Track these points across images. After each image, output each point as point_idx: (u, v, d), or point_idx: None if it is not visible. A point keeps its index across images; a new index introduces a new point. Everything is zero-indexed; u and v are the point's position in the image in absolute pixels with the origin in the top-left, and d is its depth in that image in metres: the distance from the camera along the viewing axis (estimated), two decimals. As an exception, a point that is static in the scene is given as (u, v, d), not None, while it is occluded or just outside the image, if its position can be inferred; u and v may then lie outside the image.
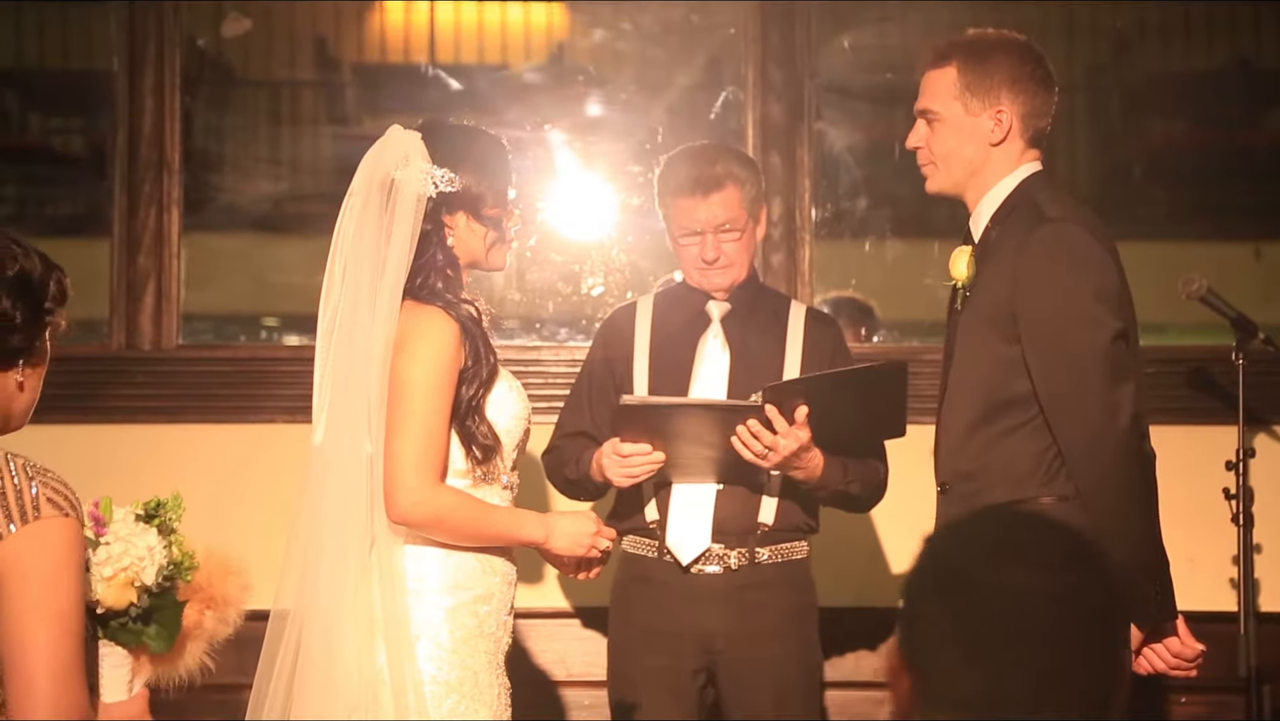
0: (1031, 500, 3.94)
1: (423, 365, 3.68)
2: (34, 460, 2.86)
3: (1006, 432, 3.98)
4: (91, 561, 3.17)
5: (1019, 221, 4.00)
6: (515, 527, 3.80)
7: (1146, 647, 4.03)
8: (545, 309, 5.70)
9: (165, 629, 3.14)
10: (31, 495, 2.80)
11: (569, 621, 5.44)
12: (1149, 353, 5.21)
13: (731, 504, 4.55)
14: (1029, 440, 3.96)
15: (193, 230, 5.70)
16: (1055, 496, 3.94)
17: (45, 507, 2.80)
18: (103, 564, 3.17)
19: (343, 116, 6.09)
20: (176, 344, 5.59)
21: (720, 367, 4.63)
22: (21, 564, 2.77)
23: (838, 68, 5.85)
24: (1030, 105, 4.06)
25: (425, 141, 3.79)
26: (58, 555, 2.79)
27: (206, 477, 5.39)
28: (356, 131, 6.03)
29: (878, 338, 5.84)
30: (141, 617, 3.15)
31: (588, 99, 5.91)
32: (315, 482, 3.70)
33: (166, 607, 3.17)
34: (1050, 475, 3.95)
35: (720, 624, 4.53)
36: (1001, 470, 3.98)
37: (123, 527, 3.17)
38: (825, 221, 5.77)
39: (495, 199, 3.84)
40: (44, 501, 2.81)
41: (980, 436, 4.01)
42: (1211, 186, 6.00)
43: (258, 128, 6.07)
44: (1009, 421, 3.98)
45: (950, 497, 4.06)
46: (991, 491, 3.97)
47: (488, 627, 3.75)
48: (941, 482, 4.10)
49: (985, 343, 4.01)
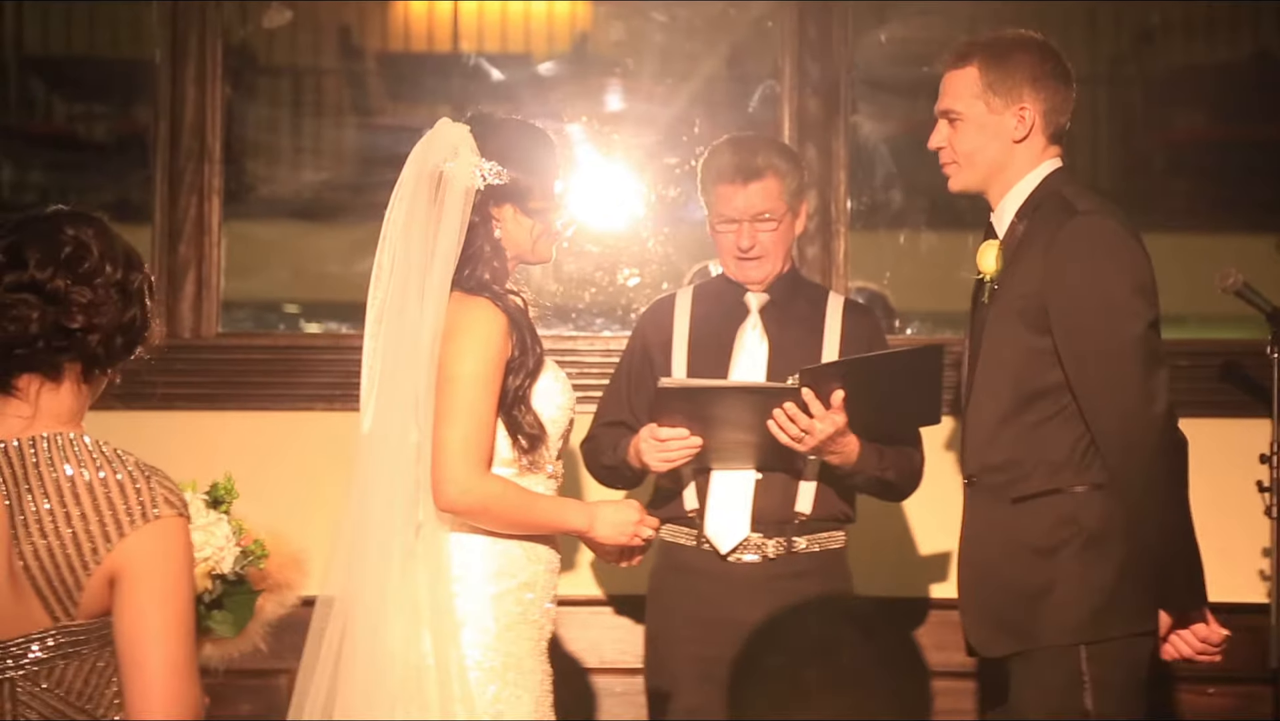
0: (1066, 489, 3.98)
1: (471, 355, 3.70)
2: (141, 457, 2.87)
3: (1039, 423, 4.02)
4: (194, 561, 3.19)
5: (1048, 215, 4.05)
6: (560, 516, 3.83)
7: (1173, 634, 4.07)
8: (581, 299, 5.72)
9: (235, 615, 3.16)
10: (150, 494, 2.81)
11: (601, 609, 5.46)
12: (1182, 345, 5.25)
13: (770, 493, 4.56)
14: (1062, 429, 4.00)
15: (232, 219, 5.73)
16: (1089, 484, 4.00)
17: (163, 507, 2.81)
18: None
19: (369, 106, 6.11)
20: (216, 331, 5.62)
21: (758, 358, 4.65)
22: (144, 562, 2.78)
23: (874, 61, 5.86)
24: (1051, 102, 4.12)
25: (474, 134, 3.81)
26: (177, 555, 2.80)
27: (244, 463, 5.30)
28: (389, 121, 6.06)
29: (911, 330, 5.84)
30: (213, 603, 3.17)
31: (622, 91, 5.93)
32: (363, 470, 3.72)
33: (239, 594, 3.18)
34: (1085, 463, 4.00)
35: (757, 613, 4.53)
36: (1035, 460, 4.02)
37: (198, 516, 3.18)
38: (860, 213, 5.78)
39: (542, 192, 3.86)
40: (162, 501, 2.82)
41: (1012, 427, 4.04)
42: (1232, 179, 6.00)
43: (296, 118, 6.09)
44: (1041, 412, 4.02)
45: (978, 490, 4.10)
46: (1026, 481, 4.02)
47: (531, 615, 3.78)
48: (969, 475, 4.13)
49: (1015, 334, 4.05)
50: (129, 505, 2.80)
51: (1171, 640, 4.08)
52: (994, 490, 4.06)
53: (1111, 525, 3.98)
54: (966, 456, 4.14)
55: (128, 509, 2.80)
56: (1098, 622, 3.97)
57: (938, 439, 5.16)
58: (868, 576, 4.86)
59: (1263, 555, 5.24)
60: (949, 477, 5.27)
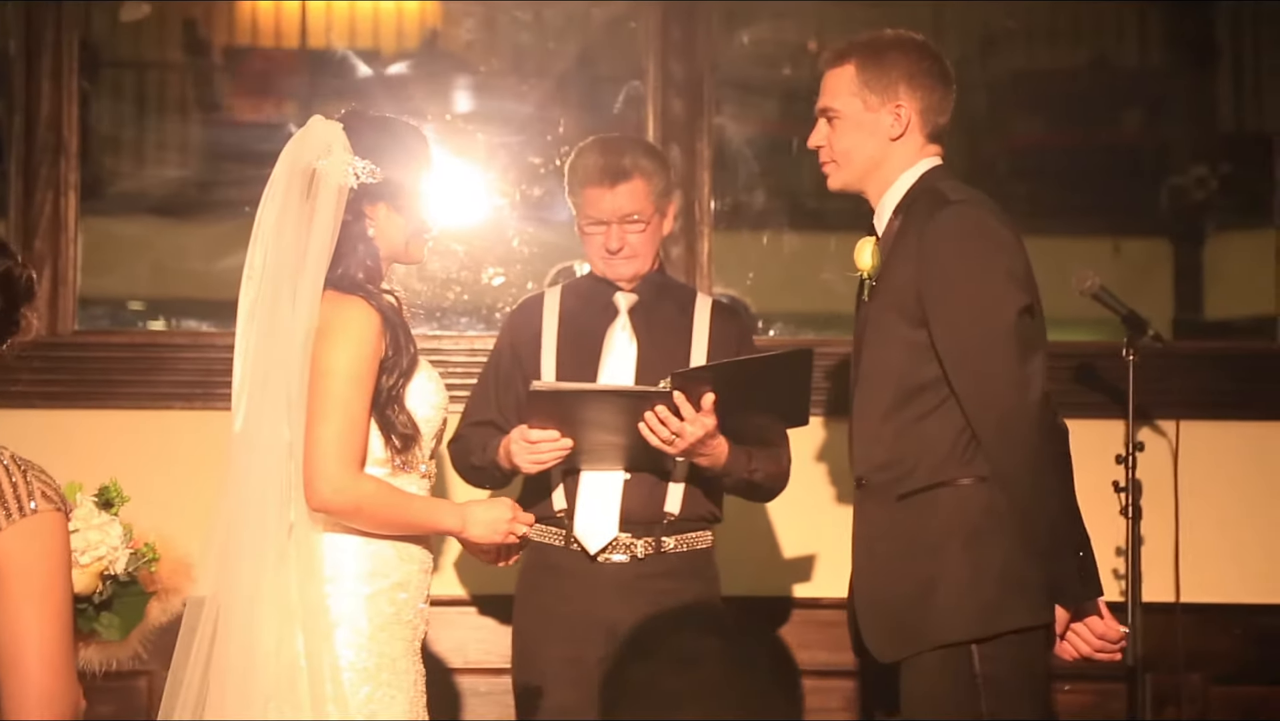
0: (950, 482, 3.98)
1: (344, 354, 3.67)
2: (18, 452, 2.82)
3: (920, 417, 4.01)
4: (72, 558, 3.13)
5: (920, 209, 4.05)
6: (432, 516, 3.81)
7: (1070, 631, 4.04)
8: (446, 298, 5.70)
9: (123, 618, 3.11)
10: (26, 488, 2.76)
11: (466, 609, 5.44)
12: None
13: (638, 493, 4.57)
14: (943, 422, 3.99)
15: (89, 215, 5.65)
16: (974, 477, 3.97)
17: (40, 501, 2.76)
18: (80, 551, 3.13)
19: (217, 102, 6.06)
20: (73, 329, 5.54)
21: (627, 359, 4.66)
22: (19, 558, 2.73)
23: (737, 62, 5.89)
24: (928, 100, 4.13)
25: (347, 132, 3.78)
26: (54, 550, 2.75)
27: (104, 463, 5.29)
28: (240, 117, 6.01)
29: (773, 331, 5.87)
30: (103, 604, 3.12)
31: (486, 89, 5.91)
32: (234, 470, 3.68)
33: (129, 596, 3.14)
34: (968, 456, 3.97)
35: (626, 612, 4.53)
36: (918, 455, 4.00)
37: (91, 516, 3.14)
38: (724, 214, 5.81)
39: (415, 191, 3.84)
40: (39, 495, 2.76)
41: (893, 424, 4.03)
42: (1072, 183, 6.09)
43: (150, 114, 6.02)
44: (922, 406, 4.01)
45: (868, 491, 4.08)
46: (910, 478, 3.99)
47: (405, 615, 3.75)
48: (858, 476, 4.10)
49: (893, 329, 4.04)
50: (4, 499, 2.75)
51: (1069, 638, 4.04)
52: (881, 489, 4.04)
53: (997, 517, 3.93)
54: (855, 458, 4.12)
55: (2, 503, 2.75)
56: (987, 618, 3.92)
57: (809, 440, 5.20)
58: (734, 576, 4.89)
59: (1117, 554, 5.31)
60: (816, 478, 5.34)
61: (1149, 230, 6.10)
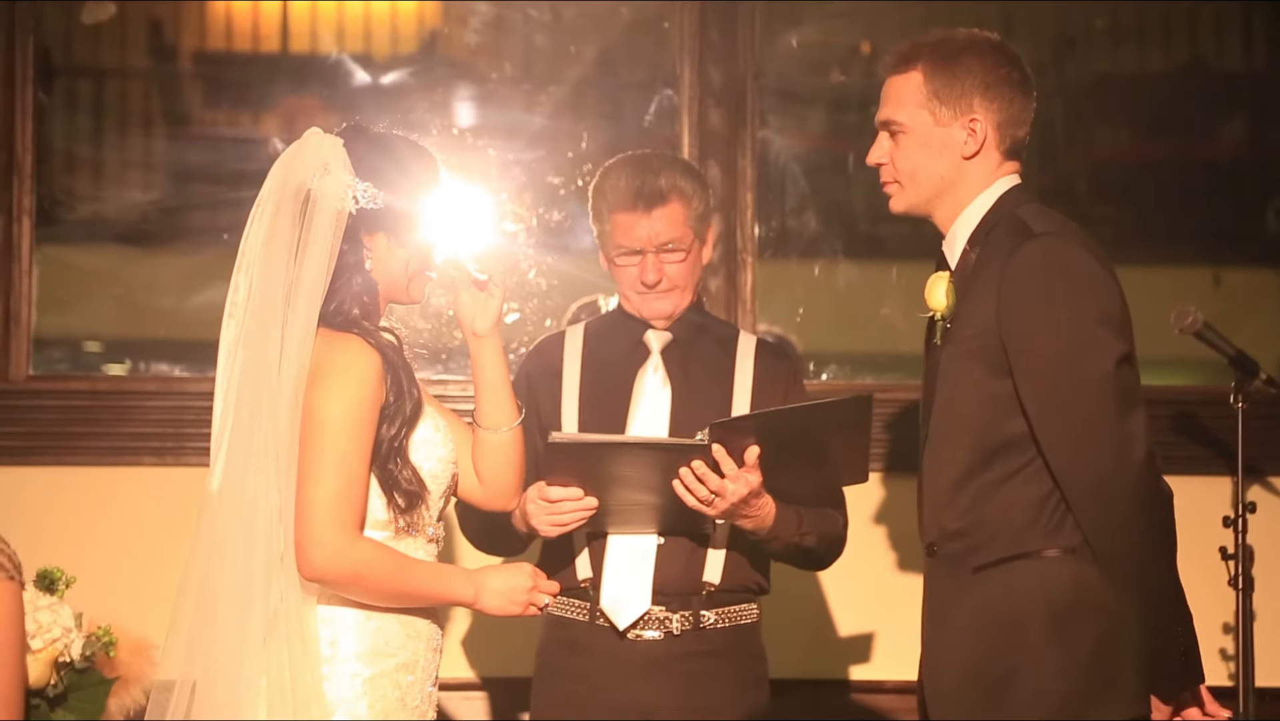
0: (1034, 553, 3.96)
1: (340, 401, 3.66)
2: None
3: (1001, 480, 3.98)
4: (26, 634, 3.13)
5: (1000, 240, 4.03)
6: (442, 585, 3.79)
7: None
8: (453, 338, 5.70)
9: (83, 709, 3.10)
10: None
11: (475, 694, 5.44)
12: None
13: (674, 560, 4.56)
14: (1027, 486, 3.96)
15: (45, 243, 5.67)
16: (1060, 548, 3.94)
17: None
18: (32, 635, 3.12)
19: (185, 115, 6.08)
20: (27, 374, 5.55)
21: (660, 406, 4.65)
22: None
23: (784, 68, 5.90)
24: (1006, 112, 4.10)
25: (348, 149, 3.78)
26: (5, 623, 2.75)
27: (62, 527, 5.35)
28: (214, 132, 6.04)
29: (826, 374, 5.87)
30: (57, 699, 3.11)
31: (497, 100, 5.93)
32: (210, 534, 3.65)
33: (88, 687, 3.13)
34: (1054, 524, 3.94)
35: (661, 698, 4.53)
36: (997, 522, 3.97)
37: (37, 597, 3.13)
38: (769, 241, 5.81)
39: (421, 222, 3.84)
40: None
41: (971, 488, 4.00)
42: (1164, 204, 6.09)
43: (115, 129, 6.04)
44: (1004, 467, 3.98)
45: (939, 559, 4.05)
46: (988, 547, 3.96)
47: (411, 700, 3.73)
48: (928, 544, 4.07)
49: (971, 380, 4.02)
50: None
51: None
52: (954, 559, 4.01)
53: (1086, 595, 3.92)
54: (925, 522, 4.09)
55: None
56: (1073, 709, 3.90)
57: (866, 500, 5.19)
58: (782, 655, 4.87)
59: (1224, 631, 5.29)
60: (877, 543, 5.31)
61: (1254, 258, 6.09)
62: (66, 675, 3.13)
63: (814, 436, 4.45)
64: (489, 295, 4.00)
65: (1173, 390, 5.62)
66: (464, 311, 4.02)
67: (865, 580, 5.29)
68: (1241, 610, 4.99)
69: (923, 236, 4.26)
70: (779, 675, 4.80)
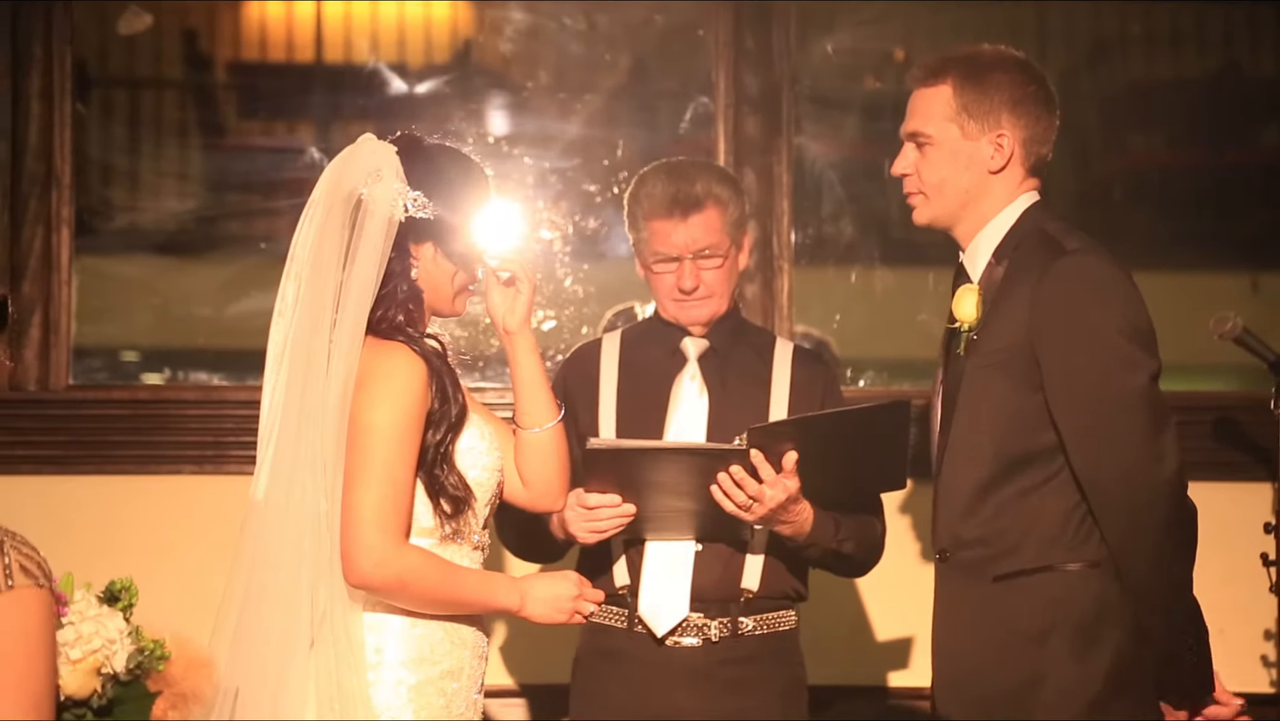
0: (1057, 567, 4.00)
1: (386, 408, 3.67)
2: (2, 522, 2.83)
3: (1026, 492, 4.02)
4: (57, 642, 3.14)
5: (1030, 255, 4.05)
6: (487, 592, 3.80)
7: None
8: (490, 345, 5.71)
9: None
10: (3, 561, 2.77)
11: (514, 700, 5.45)
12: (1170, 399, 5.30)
13: (712, 567, 4.57)
14: (1053, 499, 4.00)
15: (84, 254, 5.69)
16: (1085, 562, 3.99)
17: (19, 576, 2.77)
18: (71, 645, 3.12)
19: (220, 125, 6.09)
20: (67, 384, 5.57)
21: (698, 413, 4.66)
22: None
23: (819, 74, 5.90)
24: (1033, 129, 4.13)
25: (401, 157, 3.80)
26: (33, 630, 2.75)
27: (100, 535, 5.37)
28: (250, 142, 6.05)
29: (863, 381, 5.87)
30: (102, 710, 3.12)
31: (533, 109, 5.94)
32: (256, 541, 3.67)
33: (133, 700, 3.13)
34: (1079, 538, 3.99)
35: (699, 704, 4.54)
36: (1021, 533, 4.01)
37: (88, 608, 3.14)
38: (806, 248, 5.81)
39: (469, 235, 3.86)
40: (17, 569, 2.77)
41: (994, 497, 4.04)
42: (1200, 210, 6.08)
43: (153, 139, 6.06)
44: (1029, 479, 4.02)
45: (952, 566, 4.09)
46: (1011, 557, 4.01)
47: (456, 707, 3.75)
48: (941, 550, 4.12)
49: (999, 391, 4.05)
50: None
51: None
52: (971, 567, 4.05)
53: (1108, 607, 3.98)
54: (939, 528, 4.13)
55: None
56: (1091, 715, 3.95)
57: (901, 506, 5.18)
58: (820, 662, 4.87)
59: (1265, 638, 5.28)
60: (913, 550, 5.31)
61: (1292, 263, 6.08)
62: (110, 687, 3.13)
63: (851, 442, 4.45)
64: (517, 291, 4.01)
65: (1212, 396, 5.62)
66: (495, 310, 4.04)
67: (904, 586, 5.28)
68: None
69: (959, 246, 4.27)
70: (817, 681, 4.80)
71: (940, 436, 4.17)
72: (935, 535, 4.15)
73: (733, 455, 4.36)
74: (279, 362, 3.75)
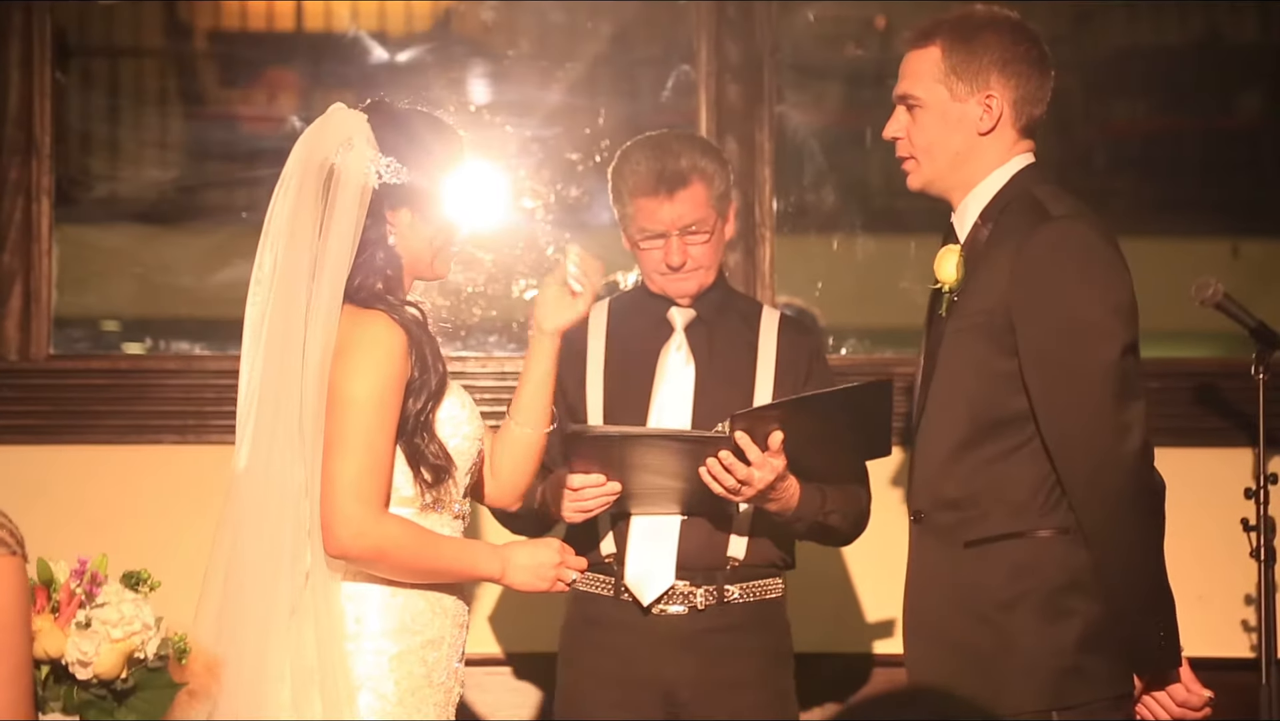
0: (1028, 533, 3.98)
1: (365, 377, 3.64)
2: None
3: (999, 456, 4.00)
4: (96, 619, 3.12)
5: (1016, 219, 4.03)
6: (468, 561, 3.77)
7: (1148, 695, 4.06)
8: (471, 314, 5.68)
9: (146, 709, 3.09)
10: None
11: (500, 669, 5.43)
12: (1151, 366, 5.28)
13: (698, 535, 4.54)
14: (1026, 465, 3.98)
15: (64, 223, 5.65)
16: (1054, 529, 3.97)
17: None
18: (114, 624, 3.11)
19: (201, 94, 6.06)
20: (47, 353, 5.54)
21: (684, 383, 4.63)
22: None
23: (800, 42, 5.87)
24: (1023, 90, 4.10)
25: (372, 124, 3.77)
26: (8, 600, 2.72)
27: (83, 507, 5.35)
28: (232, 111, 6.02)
29: (845, 349, 5.84)
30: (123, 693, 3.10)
31: (512, 76, 5.90)
32: (238, 512, 3.65)
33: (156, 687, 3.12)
34: (1050, 505, 3.97)
35: (684, 672, 4.52)
36: (993, 498, 3.99)
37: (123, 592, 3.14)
38: (788, 216, 5.78)
39: (445, 198, 3.82)
40: None
41: (968, 460, 4.02)
42: (1181, 176, 6.06)
43: (133, 108, 6.03)
44: (1003, 443, 4.00)
45: (927, 528, 4.08)
46: (982, 523, 3.99)
47: (437, 676, 3.72)
48: (916, 511, 4.10)
49: (976, 354, 4.03)
50: None
51: (1146, 702, 4.07)
52: (944, 531, 4.03)
53: (1078, 575, 3.95)
54: (915, 489, 4.12)
55: None
56: (1066, 687, 3.93)
57: (887, 474, 5.16)
58: (807, 630, 4.85)
59: (1246, 603, 5.27)
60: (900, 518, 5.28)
61: (1272, 230, 6.06)
62: (137, 672, 3.12)
63: (835, 420, 4.43)
64: (573, 303, 3.96)
65: (1193, 362, 5.61)
66: (542, 305, 3.98)
67: (890, 554, 5.21)
68: (1263, 582, 4.96)
69: (940, 211, 4.24)
70: (803, 649, 4.78)
71: (919, 397, 4.15)
72: (911, 495, 4.15)
73: (719, 441, 4.34)
74: (257, 334, 3.72)
